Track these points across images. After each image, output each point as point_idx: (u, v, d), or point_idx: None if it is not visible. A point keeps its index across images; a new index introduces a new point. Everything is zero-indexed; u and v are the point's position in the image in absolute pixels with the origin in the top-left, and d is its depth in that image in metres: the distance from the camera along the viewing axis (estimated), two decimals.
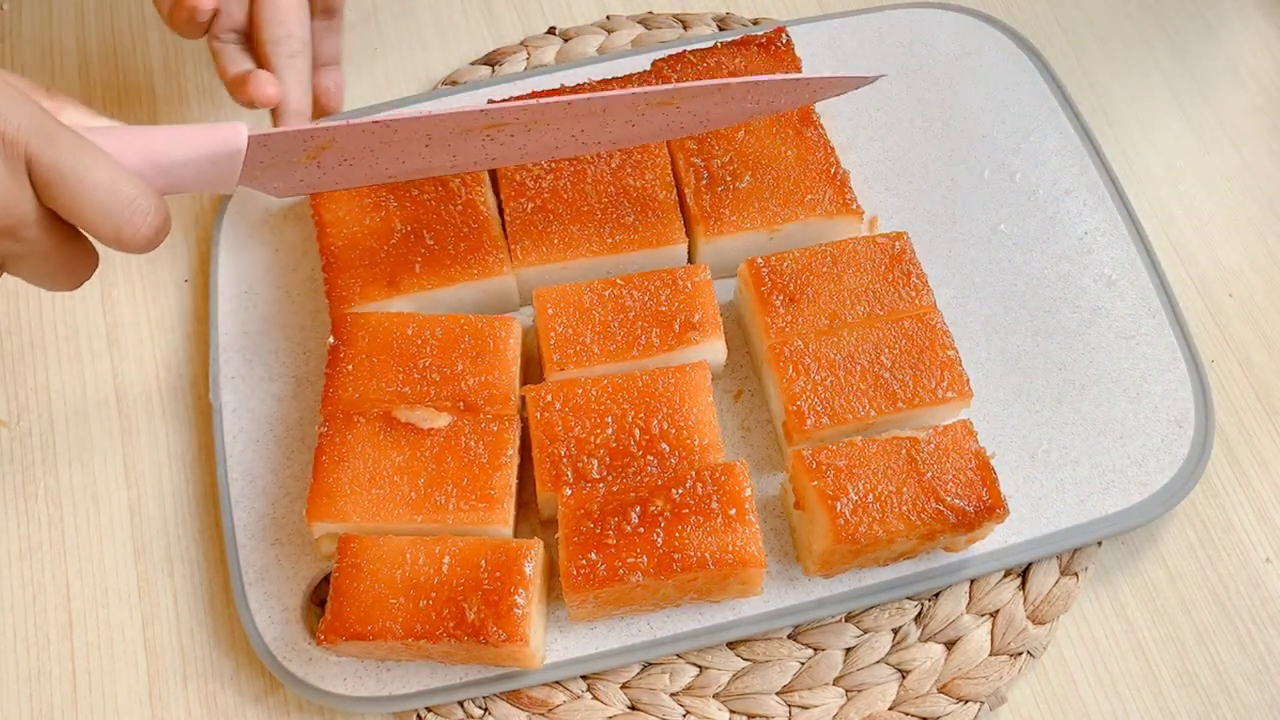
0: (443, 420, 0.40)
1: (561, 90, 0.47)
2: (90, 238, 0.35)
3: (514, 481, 0.40)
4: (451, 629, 0.36)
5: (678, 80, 0.46)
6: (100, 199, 0.32)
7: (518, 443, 0.40)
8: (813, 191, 0.45)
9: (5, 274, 0.34)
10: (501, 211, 0.45)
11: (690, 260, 0.46)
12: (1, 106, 0.30)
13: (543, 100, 0.38)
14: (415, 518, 0.38)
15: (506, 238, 0.44)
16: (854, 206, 0.45)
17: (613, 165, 0.45)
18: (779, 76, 0.41)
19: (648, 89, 0.39)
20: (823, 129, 0.46)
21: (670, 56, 0.48)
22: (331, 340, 0.42)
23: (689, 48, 0.49)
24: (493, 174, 0.46)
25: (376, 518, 0.38)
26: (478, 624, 0.36)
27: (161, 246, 0.50)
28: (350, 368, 0.41)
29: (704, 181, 0.45)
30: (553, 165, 0.45)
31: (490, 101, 0.45)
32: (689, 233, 0.45)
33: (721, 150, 0.46)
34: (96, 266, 0.36)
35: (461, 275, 0.43)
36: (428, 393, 0.41)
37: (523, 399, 0.41)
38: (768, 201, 0.44)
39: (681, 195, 0.46)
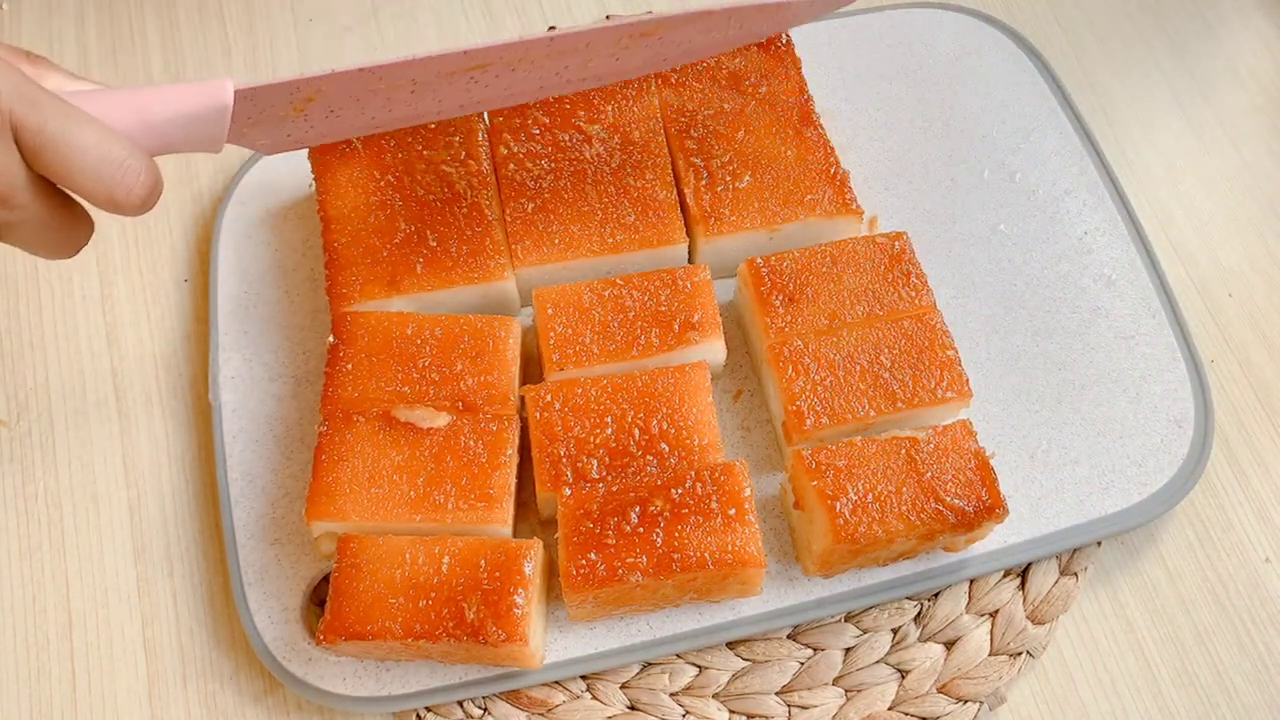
0: (442, 420, 0.40)
1: None
2: (84, 203, 0.34)
3: (513, 481, 0.40)
4: (451, 629, 0.36)
5: (676, 79, 0.46)
6: (89, 162, 0.31)
7: (517, 442, 0.40)
8: (812, 191, 0.45)
9: (3, 244, 0.33)
10: (501, 210, 0.45)
11: (690, 260, 0.46)
12: None
13: (524, 38, 0.37)
14: (414, 517, 0.39)
15: (508, 239, 0.44)
16: (854, 206, 0.45)
17: (613, 165, 0.45)
18: (754, 3, 0.39)
19: (629, 19, 0.38)
20: (822, 129, 0.46)
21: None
22: (331, 339, 0.42)
23: None
24: (498, 178, 0.46)
25: (376, 517, 0.39)
26: (477, 624, 0.36)
27: (161, 246, 0.50)
28: (350, 367, 0.41)
29: (704, 181, 0.45)
30: (553, 165, 0.45)
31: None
32: (689, 233, 0.45)
33: (721, 150, 0.46)
34: (92, 232, 0.35)
35: (462, 278, 0.43)
36: (427, 392, 0.41)
37: (522, 399, 0.41)
38: (768, 201, 0.44)
39: (681, 195, 0.46)
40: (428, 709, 0.40)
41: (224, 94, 0.34)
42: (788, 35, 0.49)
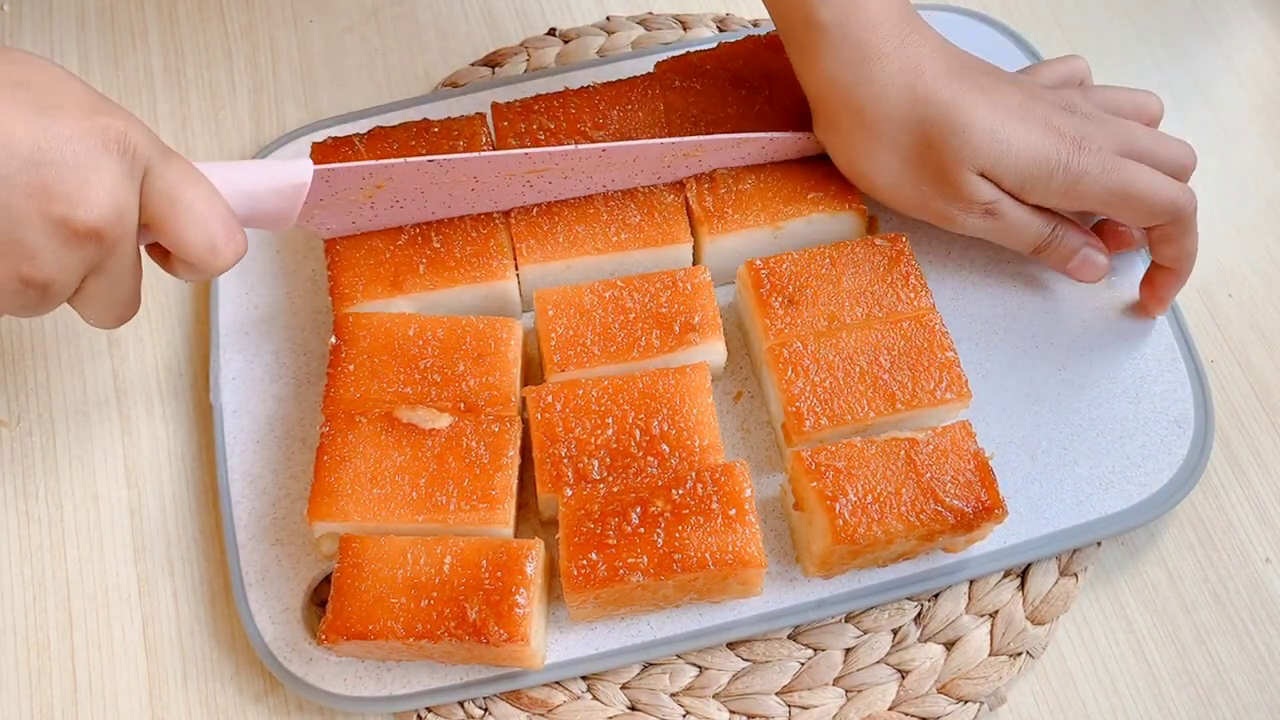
0: (444, 421, 0.40)
1: (580, 108, 0.46)
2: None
3: (515, 482, 0.40)
4: (452, 629, 0.36)
5: (680, 83, 0.47)
6: (199, 214, 0.34)
7: (519, 443, 0.40)
8: (815, 189, 0.45)
9: (65, 301, 0.35)
10: (506, 211, 0.45)
11: (695, 262, 0.46)
12: (131, 126, 0.33)
13: (581, 147, 0.42)
14: (416, 518, 0.39)
15: (511, 239, 0.44)
16: (857, 204, 0.45)
17: None
18: (793, 135, 0.44)
19: (676, 140, 0.43)
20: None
21: (673, 59, 0.48)
22: (333, 340, 0.42)
23: (691, 50, 0.49)
24: None
25: (377, 518, 0.39)
26: (479, 624, 0.36)
27: None
28: (352, 368, 0.41)
29: (706, 185, 0.45)
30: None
31: (531, 142, 0.46)
32: (693, 234, 0.45)
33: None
34: (139, 309, 0.38)
35: (464, 278, 0.43)
36: (429, 393, 0.41)
37: (523, 400, 0.41)
38: (770, 200, 0.44)
39: (686, 198, 0.46)
40: (429, 709, 0.40)
41: (304, 172, 0.38)
42: None
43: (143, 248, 0.36)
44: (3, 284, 0.32)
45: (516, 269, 0.44)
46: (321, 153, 0.46)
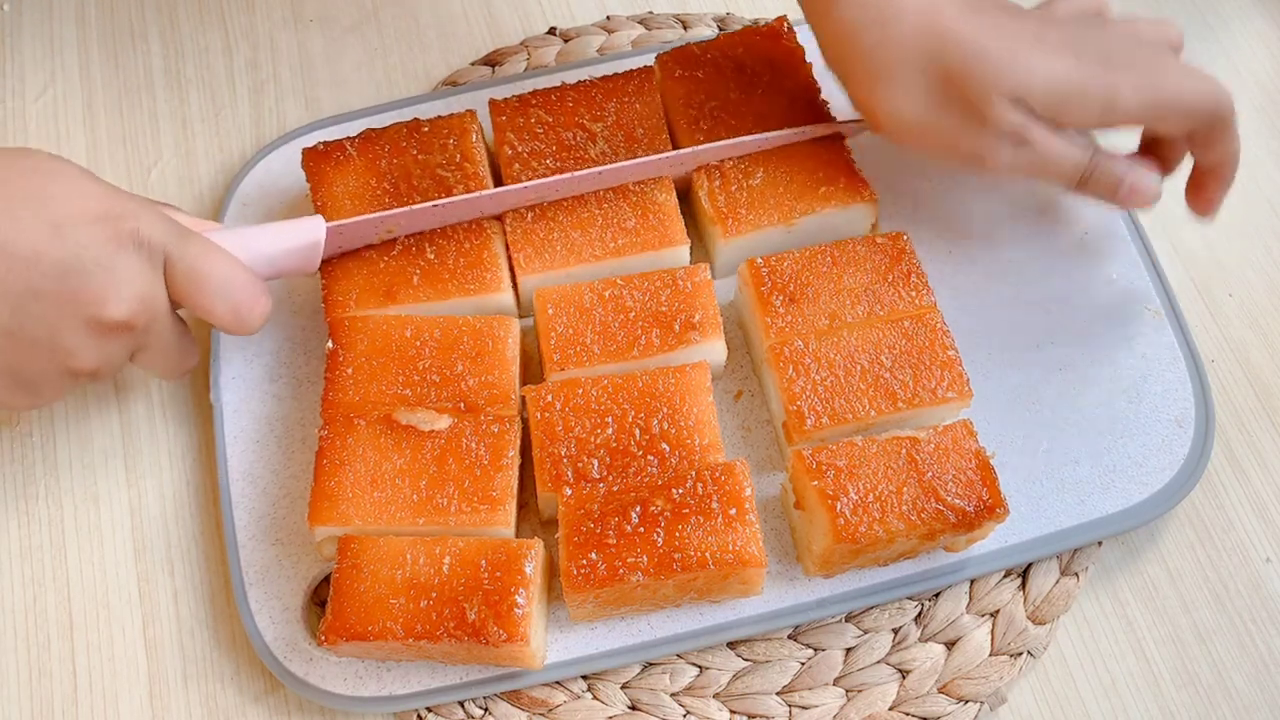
0: (443, 422, 0.40)
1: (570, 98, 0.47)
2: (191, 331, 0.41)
3: (515, 483, 0.40)
4: (452, 629, 0.36)
5: (681, 73, 0.47)
6: (223, 289, 0.38)
7: (519, 444, 0.40)
8: (826, 182, 0.45)
9: (131, 364, 0.39)
10: (499, 216, 0.45)
11: (710, 263, 0.46)
12: (145, 217, 0.36)
13: (578, 174, 0.44)
14: (417, 520, 0.38)
15: (507, 249, 0.44)
16: (868, 194, 0.45)
17: (618, 162, 0.45)
18: (791, 130, 0.45)
19: (671, 154, 0.44)
20: (831, 114, 0.46)
21: (674, 49, 0.48)
22: (330, 345, 0.42)
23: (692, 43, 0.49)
24: (503, 180, 0.46)
25: (378, 521, 0.38)
26: (478, 624, 0.36)
27: None
28: (350, 371, 0.41)
29: (717, 183, 0.45)
30: (558, 164, 0.45)
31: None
32: (704, 235, 0.45)
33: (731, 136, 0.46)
34: (198, 357, 0.42)
35: (458, 290, 0.43)
36: (428, 395, 0.41)
37: (522, 399, 0.41)
38: (782, 196, 0.44)
39: (695, 197, 0.45)
40: (429, 709, 0.40)
41: (318, 230, 0.41)
42: (790, 23, 0.49)
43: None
44: (56, 377, 0.36)
45: (514, 279, 0.44)
46: (313, 158, 0.46)
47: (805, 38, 0.49)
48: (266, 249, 0.40)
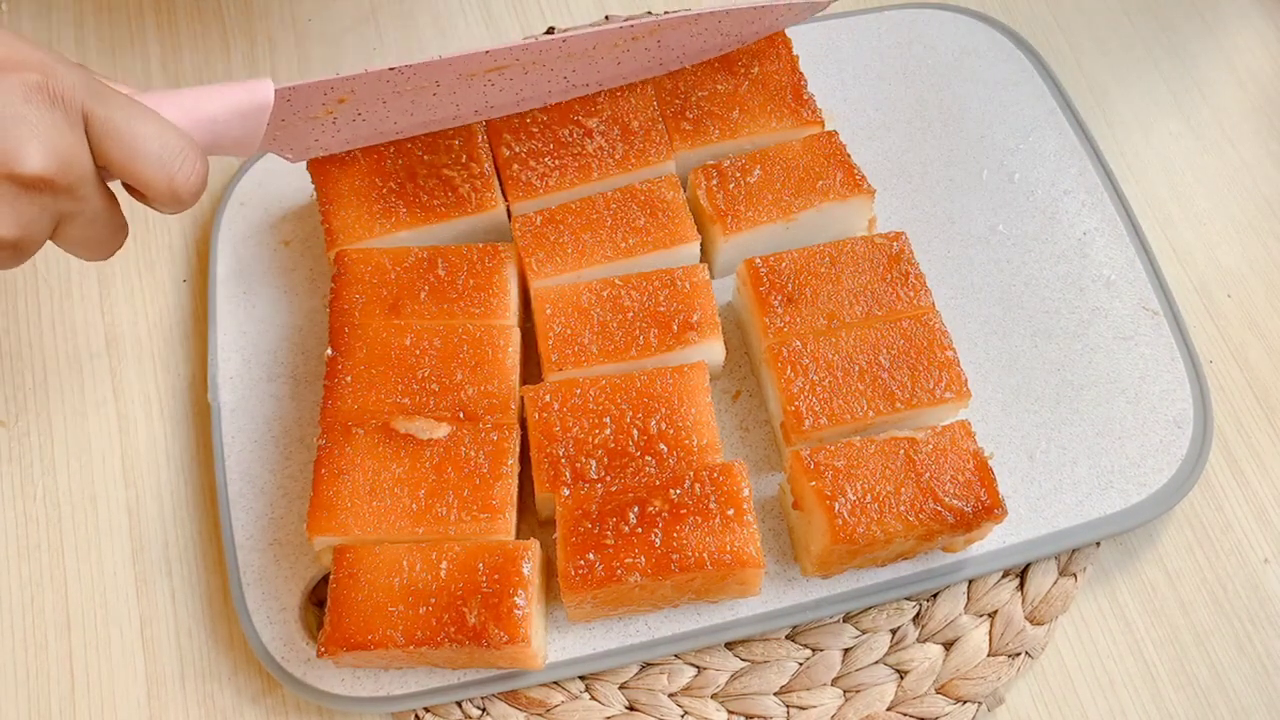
0: (442, 430, 0.40)
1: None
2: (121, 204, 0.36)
3: (515, 491, 0.39)
4: (453, 633, 0.36)
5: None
6: (153, 149, 0.34)
7: (518, 452, 0.40)
8: (823, 176, 0.45)
9: (52, 241, 0.35)
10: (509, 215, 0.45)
11: (709, 261, 0.46)
12: (58, 69, 0.32)
13: (541, 39, 0.41)
14: (416, 530, 0.38)
15: (520, 267, 0.44)
16: (865, 186, 0.45)
17: (616, 156, 0.45)
18: (744, 6, 0.44)
19: (632, 23, 0.43)
20: (816, 107, 0.46)
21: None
22: (329, 352, 0.42)
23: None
24: (502, 181, 0.46)
25: (377, 530, 0.38)
26: (479, 627, 0.36)
27: (160, 247, 0.50)
28: (349, 379, 0.41)
29: (714, 181, 0.45)
30: (557, 162, 0.45)
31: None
32: (705, 233, 0.45)
33: (717, 131, 0.46)
34: (127, 235, 0.37)
35: (462, 313, 0.42)
36: (427, 403, 0.40)
37: (521, 399, 0.41)
38: (781, 192, 0.44)
39: (693, 197, 0.45)
40: (426, 709, 0.40)
41: (265, 91, 0.37)
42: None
43: (122, 185, 0.36)
44: None
45: (526, 286, 0.43)
46: (320, 163, 0.45)
47: (800, 48, 0.49)
48: (209, 112, 0.36)
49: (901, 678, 0.40)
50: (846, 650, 0.41)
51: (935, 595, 0.42)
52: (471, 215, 0.45)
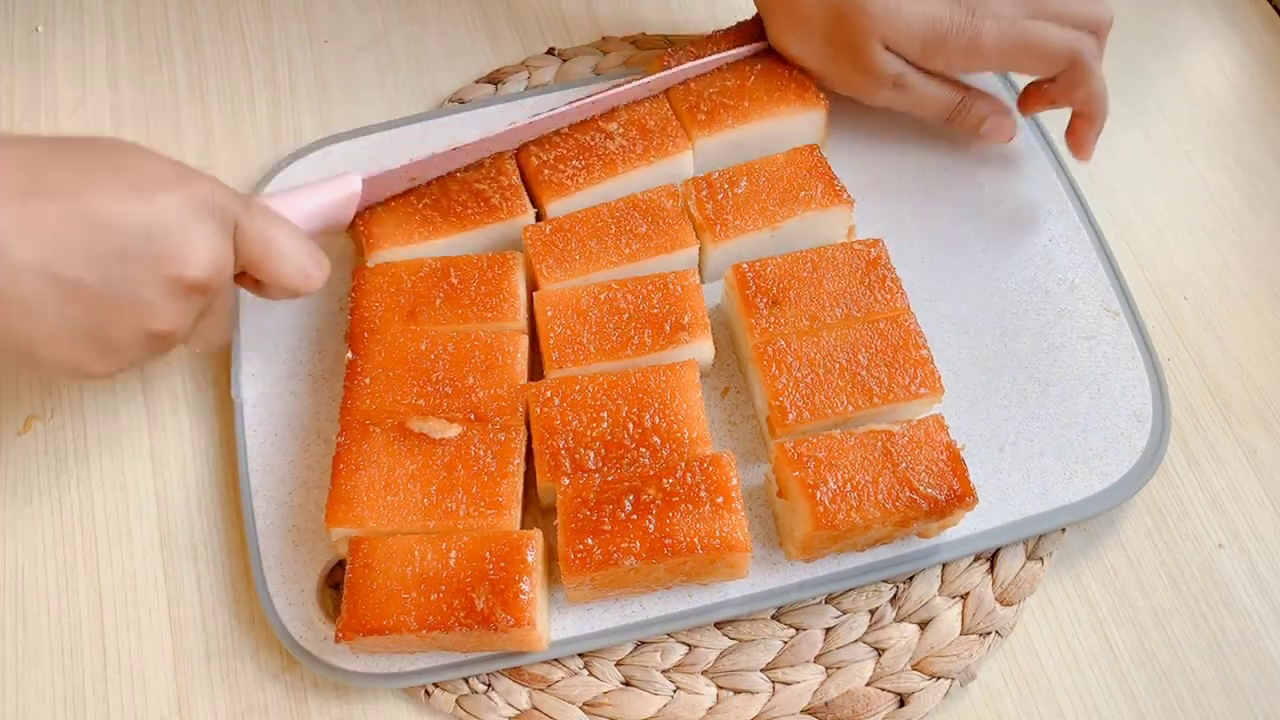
0: (453, 431, 0.41)
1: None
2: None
3: (521, 488, 0.40)
4: (463, 618, 0.37)
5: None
6: (288, 253, 0.40)
7: (524, 452, 0.41)
8: (804, 187, 0.47)
9: (179, 343, 0.39)
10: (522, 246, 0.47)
11: (700, 265, 0.48)
12: (216, 188, 0.37)
13: (575, 105, 0.48)
14: (428, 523, 0.39)
15: (529, 275, 0.46)
16: (844, 196, 0.46)
17: (637, 152, 0.48)
18: (748, 48, 0.50)
19: (650, 78, 0.49)
20: (820, 97, 0.49)
21: (675, 48, 0.51)
22: (349, 355, 0.43)
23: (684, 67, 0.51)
24: (535, 185, 0.48)
25: (391, 523, 0.39)
26: (487, 612, 0.37)
27: None
28: (367, 381, 0.42)
29: (704, 192, 0.47)
30: (584, 163, 0.48)
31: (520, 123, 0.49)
32: (697, 239, 0.47)
33: (729, 120, 0.49)
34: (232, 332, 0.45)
35: (475, 318, 0.44)
36: (440, 404, 0.41)
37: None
38: (765, 202, 0.46)
39: (686, 206, 0.47)
40: (435, 684, 0.41)
41: (353, 184, 0.44)
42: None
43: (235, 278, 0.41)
44: (135, 339, 0.37)
45: (536, 288, 0.45)
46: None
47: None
48: (312, 208, 0.43)
49: (879, 655, 0.42)
50: (828, 629, 0.42)
51: (911, 578, 0.43)
52: (504, 221, 0.46)
